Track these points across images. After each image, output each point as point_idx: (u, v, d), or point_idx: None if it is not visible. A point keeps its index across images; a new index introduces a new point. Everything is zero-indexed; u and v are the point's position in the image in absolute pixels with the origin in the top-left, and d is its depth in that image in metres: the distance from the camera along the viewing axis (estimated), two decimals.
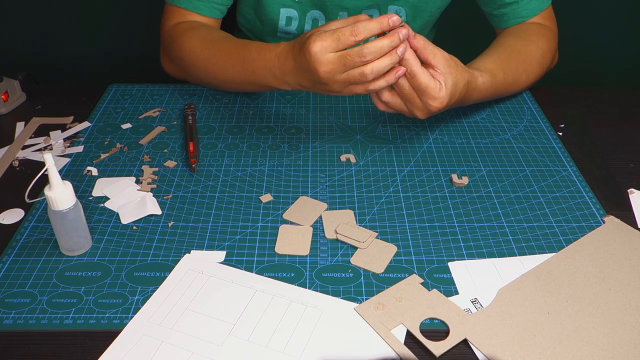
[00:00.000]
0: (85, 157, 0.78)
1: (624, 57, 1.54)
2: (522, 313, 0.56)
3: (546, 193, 0.72)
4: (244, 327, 0.54)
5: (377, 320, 0.55)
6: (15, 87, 0.90)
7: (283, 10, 0.92)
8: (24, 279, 0.59)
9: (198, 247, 0.64)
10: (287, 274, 0.60)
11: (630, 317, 0.55)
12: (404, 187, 0.73)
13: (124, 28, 1.54)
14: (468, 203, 0.70)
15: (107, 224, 0.67)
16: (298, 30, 0.94)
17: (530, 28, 0.90)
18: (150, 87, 0.95)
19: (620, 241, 0.64)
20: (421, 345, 0.53)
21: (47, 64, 1.51)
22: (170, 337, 0.53)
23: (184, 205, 0.70)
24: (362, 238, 0.63)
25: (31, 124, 0.86)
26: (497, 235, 0.65)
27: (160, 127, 0.85)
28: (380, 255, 0.62)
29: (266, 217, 0.68)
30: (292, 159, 0.78)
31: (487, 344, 0.53)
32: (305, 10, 0.92)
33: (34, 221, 0.67)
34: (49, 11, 1.49)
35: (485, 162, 0.77)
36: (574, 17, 1.43)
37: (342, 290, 0.58)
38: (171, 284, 0.59)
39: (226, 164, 0.77)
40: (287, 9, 0.91)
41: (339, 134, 0.83)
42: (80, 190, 0.72)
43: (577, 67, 1.44)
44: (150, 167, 0.76)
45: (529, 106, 0.90)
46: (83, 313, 0.56)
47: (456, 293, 0.58)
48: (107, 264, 0.61)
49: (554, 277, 0.60)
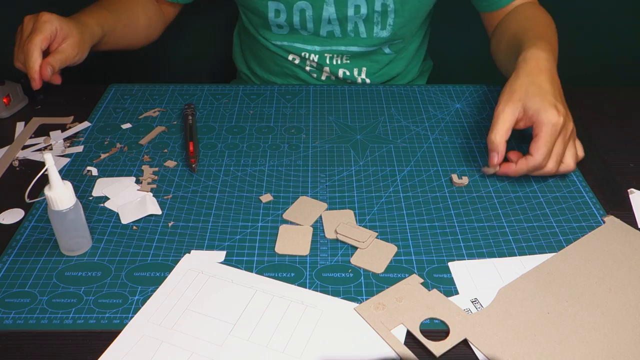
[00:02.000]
0: (85, 157, 0.78)
1: (625, 57, 1.53)
2: (522, 313, 0.56)
3: (546, 193, 0.72)
4: (244, 327, 0.54)
5: (377, 320, 0.55)
6: (17, 91, 0.89)
7: (271, 3, 0.93)
8: (24, 279, 0.59)
9: (198, 247, 0.64)
10: (287, 274, 0.60)
11: (630, 317, 0.55)
12: (404, 187, 0.73)
13: None
14: (468, 203, 0.70)
15: (107, 224, 0.67)
16: (287, 22, 0.95)
17: (528, 8, 0.91)
18: (150, 87, 0.95)
19: (620, 241, 0.64)
20: (421, 345, 0.53)
21: None
22: (170, 337, 0.53)
23: (184, 205, 0.70)
24: (362, 238, 0.63)
25: (31, 124, 0.86)
26: (497, 235, 0.65)
27: (160, 127, 0.85)
28: (380, 255, 0.62)
29: (266, 217, 0.68)
30: (292, 159, 0.78)
31: (487, 344, 0.53)
32: (292, 2, 0.92)
33: (34, 221, 0.67)
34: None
35: (485, 162, 0.77)
36: (574, 17, 1.43)
37: (342, 290, 0.58)
38: (171, 284, 0.59)
39: (226, 164, 0.77)
40: (274, 2, 0.92)
41: (339, 134, 0.83)
42: (80, 190, 0.72)
43: (577, 67, 1.44)
44: (150, 167, 0.76)
45: None
46: (83, 313, 0.56)
47: (456, 293, 0.58)
48: (107, 264, 0.61)
49: (554, 277, 0.60)
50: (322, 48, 0.98)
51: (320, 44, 0.97)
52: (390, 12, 0.93)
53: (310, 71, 1.01)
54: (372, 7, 0.91)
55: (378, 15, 0.93)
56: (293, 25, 0.95)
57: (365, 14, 0.92)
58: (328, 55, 0.98)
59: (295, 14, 0.93)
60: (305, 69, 1.01)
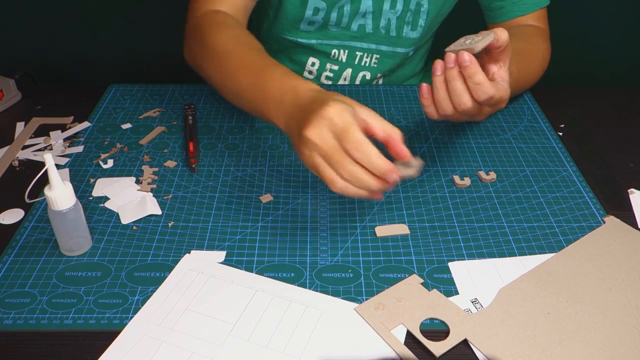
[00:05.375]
0: (85, 157, 0.78)
1: (625, 57, 1.54)
2: (522, 313, 0.56)
3: (546, 193, 0.72)
4: (244, 327, 0.54)
5: (377, 320, 0.55)
6: (10, 86, 0.90)
7: (312, 0, 0.89)
8: (24, 279, 0.59)
9: (198, 247, 0.64)
10: (287, 274, 0.60)
11: (630, 317, 0.55)
12: (404, 187, 0.73)
13: (125, 28, 1.54)
14: (468, 203, 0.70)
15: (107, 224, 0.67)
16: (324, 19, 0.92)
17: (528, 30, 0.90)
18: (150, 87, 0.95)
19: (620, 241, 0.64)
20: (421, 346, 0.53)
21: (47, 63, 1.51)
22: (170, 337, 0.53)
23: (184, 205, 0.69)
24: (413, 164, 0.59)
25: (31, 124, 0.86)
26: (497, 235, 0.65)
27: (160, 127, 0.85)
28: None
29: (266, 217, 0.68)
30: (292, 159, 0.78)
31: (487, 344, 0.53)
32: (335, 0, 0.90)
33: (34, 221, 0.67)
34: (49, 11, 1.49)
35: (485, 162, 0.77)
36: (574, 17, 1.43)
37: (342, 290, 0.58)
38: (171, 284, 0.59)
39: (226, 164, 0.77)
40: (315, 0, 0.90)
41: None
42: (80, 190, 0.72)
43: (577, 67, 1.44)
44: (150, 167, 0.76)
45: (529, 106, 0.90)
46: (83, 313, 0.56)
47: (456, 293, 0.58)
48: (107, 264, 0.61)
49: (554, 278, 0.60)
50: (352, 44, 0.95)
51: (348, 39, 0.95)
52: (422, 13, 0.93)
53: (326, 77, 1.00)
54: (407, 4, 0.91)
55: (411, 14, 0.93)
56: (328, 22, 0.93)
57: (400, 10, 0.92)
58: (359, 54, 0.97)
59: (335, 10, 0.91)
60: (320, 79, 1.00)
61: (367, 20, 0.93)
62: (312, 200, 0.70)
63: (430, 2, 0.92)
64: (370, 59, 0.98)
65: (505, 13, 0.92)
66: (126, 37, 1.56)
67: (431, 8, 0.93)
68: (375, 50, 0.97)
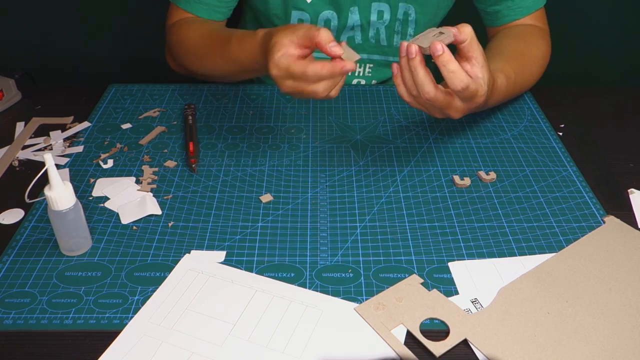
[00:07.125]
0: (85, 157, 0.78)
1: (625, 57, 1.54)
2: (522, 313, 0.56)
3: (546, 193, 0.72)
4: (244, 327, 0.54)
5: (377, 320, 0.55)
6: (10, 86, 0.90)
7: (295, 12, 0.91)
8: (24, 279, 0.59)
9: (198, 247, 0.64)
10: (287, 274, 0.60)
11: (630, 317, 0.55)
12: (404, 187, 0.73)
13: (125, 28, 1.54)
14: (468, 203, 0.70)
15: (107, 224, 0.67)
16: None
17: (527, 30, 0.90)
18: (150, 87, 0.95)
19: (620, 241, 0.64)
20: (421, 346, 0.53)
21: (47, 63, 1.51)
22: (170, 337, 0.53)
23: (184, 205, 0.70)
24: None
25: (31, 124, 0.86)
26: (497, 235, 0.65)
27: (160, 127, 0.85)
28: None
29: (266, 217, 0.68)
30: (292, 159, 0.78)
31: (487, 344, 0.53)
32: (318, 11, 0.91)
33: (34, 221, 0.67)
34: (49, 11, 1.49)
35: (485, 162, 0.77)
36: (574, 17, 1.43)
37: (342, 290, 0.58)
38: (171, 284, 0.59)
39: (226, 164, 0.77)
40: (299, 12, 0.91)
41: (338, 134, 0.83)
42: (80, 190, 0.72)
43: (577, 67, 1.44)
44: (150, 167, 0.76)
45: (529, 106, 0.90)
46: (83, 313, 0.56)
47: (456, 293, 0.58)
48: (107, 264, 0.61)
49: (554, 277, 0.60)
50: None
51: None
52: (411, 22, 0.93)
53: None
54: (395, 14, 0.91)
55: (399, 24, 0.93)
56: None
57: (388, 20, 0.92)
58: None
59: (319, 23, 0.91)
60: None
61: (355, 33, 0.93)
62: (312, 200, 0.71)
63: (417, 12, 0.92)
64: (364, 69, 0.98)
65: (502, 17, 0.92)
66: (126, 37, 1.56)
67: (420, 17, 0.92)
68: (368, 60, 0.97)
